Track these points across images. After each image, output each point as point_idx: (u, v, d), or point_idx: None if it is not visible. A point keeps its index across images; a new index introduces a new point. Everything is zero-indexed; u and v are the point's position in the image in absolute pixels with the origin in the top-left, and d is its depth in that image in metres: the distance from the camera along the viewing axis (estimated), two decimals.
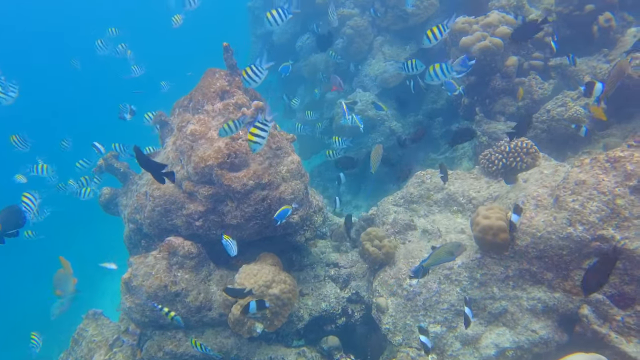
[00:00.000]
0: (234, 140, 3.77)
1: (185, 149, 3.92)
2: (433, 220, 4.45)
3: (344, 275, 4.50)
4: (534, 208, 3.46)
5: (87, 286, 10.68)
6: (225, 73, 4.14)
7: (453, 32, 5.40)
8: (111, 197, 4.86)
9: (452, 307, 3.69)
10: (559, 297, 3.26)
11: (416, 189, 4.75)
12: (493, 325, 3.55)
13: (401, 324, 3.84)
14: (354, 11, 7.62)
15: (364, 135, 7.13)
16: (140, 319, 3.84)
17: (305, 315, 4.18)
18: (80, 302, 10.14)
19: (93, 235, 12.82)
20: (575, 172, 3.26)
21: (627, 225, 2.91)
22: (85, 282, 11.04)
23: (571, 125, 4.42)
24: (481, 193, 4.29)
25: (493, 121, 5.27)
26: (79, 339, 3.74)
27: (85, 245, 12.84)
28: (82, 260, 12.46)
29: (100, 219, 5.09)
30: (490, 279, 3.61)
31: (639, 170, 2.88)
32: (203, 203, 3.86)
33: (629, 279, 2.91)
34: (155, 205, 3.96)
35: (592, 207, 3.05)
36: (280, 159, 4.04)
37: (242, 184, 3.72)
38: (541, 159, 4.20)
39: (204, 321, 3.95)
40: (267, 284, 3.78)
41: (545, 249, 3.27)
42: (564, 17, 5.24)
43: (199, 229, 3.92)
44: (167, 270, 3.85)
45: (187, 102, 4.21)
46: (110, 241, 11.54)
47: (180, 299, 3.85)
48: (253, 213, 3.83)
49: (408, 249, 4.26)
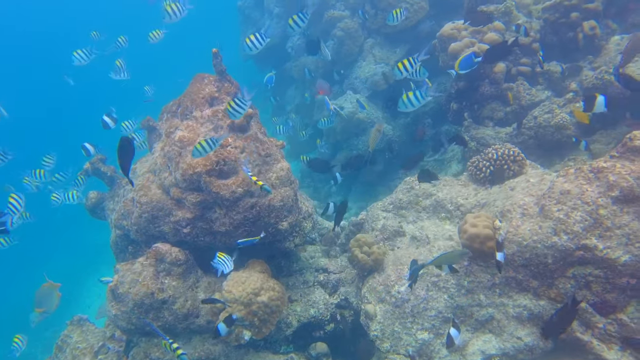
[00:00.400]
0: (223, 148, 3.74)
1: (173, 156, 3.88)
2: (422, 226, 4.48)
3: (333, 281, 4.51)
4: (521, 217, 3.50)
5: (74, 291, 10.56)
6: (215, 79, 4.10)
7: (442, 38, 5.43)
8: (98, 202, 4.80)
9: (440, 314, 3.72)
10: (544, 305, 3.31)
11: (405, 195, 4.77)
12: (480, 332, 3.60)
13: (389, 331, 3.86)
14: (345, 13, 7.62)
15: (354, 137, 7.14)
16: (127, 326, 3.80)
17: (294, 321, 4.18)
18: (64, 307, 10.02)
19: (79, 239, 12.66)
20: (560, 182, 3.31)
21: (610, 235, 2.96)
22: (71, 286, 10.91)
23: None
24: (469, 200, 4.33)
25: (481, 127, 5.31)
26: (63, 346, 3.69)
27: (71, 249, 12.66)
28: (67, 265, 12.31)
29: (87, 222, 5.02)
30: (477, 286, 3.65)
31: (620, 181, 2.93)
32: (191, 210, 3.83)
33: (610, 287, 2.97)
34: (142, 211, 3.92)
35: (576, 217, 3.10)
36: (269, 166, 4.02)
37: (231, 191, 3.70)
38: (528, 166, 4.25)
39: (191, 328, 3.93)
40: (256, 291, 3.77)
41: (531, 258, 3.31)
42: (551, 24, 5.30)
43: (187, 236, 3.89)
44: (154, 277, 3.81)
45: (176, 108, 4.17)
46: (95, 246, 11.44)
47: (168, 306, 3.82)
48: (242, 220, 3.81)
49: (397, 255, 4.28)
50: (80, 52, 4.64)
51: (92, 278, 11.03)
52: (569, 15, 5.14)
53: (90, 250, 11.91)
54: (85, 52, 4.65)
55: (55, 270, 12.48)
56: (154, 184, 4.01)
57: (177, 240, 3.98)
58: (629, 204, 2.91)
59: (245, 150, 3.83)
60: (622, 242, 2.88)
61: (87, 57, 4.67)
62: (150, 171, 4.15)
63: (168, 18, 4.10)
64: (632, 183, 2.88)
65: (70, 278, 11.60)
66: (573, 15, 5.11)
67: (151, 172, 4.12)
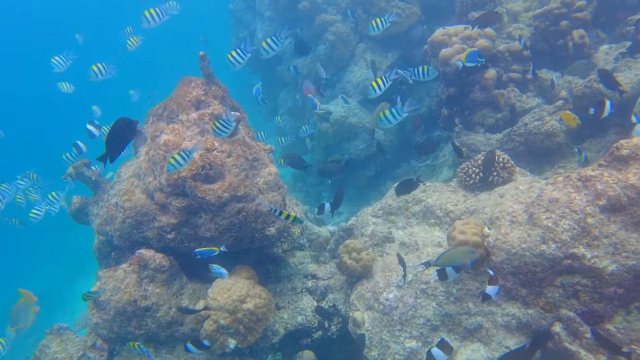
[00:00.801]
0: (209, 151, 3.68)
1: (158, 160, 3.80)
2: (411, 232, 4.44)
3: (322, 287, 4.44)
4: (509, 224, 3.47)
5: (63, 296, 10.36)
6: (202, 82, 4.04)
7: (433, 44, 5.42)
8: (81, 206, 4.70)
9: (428, 322, 3.68)
10: (532, 314, 3.28)
11: (394, 201, 4.73)
12: (468, 340, 3.55)
13: (377, 339, 3.81)
14: (336, 17, 7.60)
15: (346, 141, 7.11)
16: (108, 334, 3.71)
17: (281, 329, 4.11)
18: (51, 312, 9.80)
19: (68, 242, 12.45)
20: (549, 190, 3.29)
21: (597, 244, 2.94)
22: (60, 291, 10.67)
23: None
24: (458, 206, 4.30)
25: (472, 133, 5.30)
26: (41, 356, 3.58)
27: (60, 252, 12.44)
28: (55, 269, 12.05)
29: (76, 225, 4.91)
30: (466, 294, 3.61)
31: (608, 190, 2.92)
32: (176, 215, 3.75)
33: (598, 297, 2.94)
34: (125, 217, 3.83)
35: (564, 225, 3.07)
36: (257, 171, 3.96)
37: (217, 196, 3.63)
38: (517, 173, 4.23)
39: (175, 336, 3.84)
40: (241, 298, 3.70)
41: (520, 266, 3.28)
42: (541, 32, 5.32)
43: (171, 241, 3.81)
44: (137, 284, 3.72)
45: (162, 111, 4.10)
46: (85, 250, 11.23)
47: (151, 313, 3.74)
48: (228, 226, 3.74)
49: (386, 262, 4.23)
50: (57, 58, 4.53)
51: (81, 282, 10.85)
52: (558, 23, 5.16)
53: (80, 253, 11.73)
54: (62, 59, 4.54)
55: (43, 273, 12.26)
56: (138, 188, 3.92)
57: (162, 246, 3.90)
58: (616, 213, 2.89)
59: (232, 155, 3.77)
60: (610, 251, 2.86)
61: (64, 63, 4.56)
62: (134, 175, 4.06)
63: (146, 23, 4.01)
64: (619, 192, 2.86)
65: (59, 282, 11.41)
66: (563, 23, 5.14)
67: (136, 177, 4.04)
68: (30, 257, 12.96)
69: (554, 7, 5.16)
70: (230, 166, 3.72)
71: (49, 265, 12.39)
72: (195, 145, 3.56)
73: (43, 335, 3.81)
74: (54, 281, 11.51)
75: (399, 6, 7.03)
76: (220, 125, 3.17)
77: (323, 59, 7.67)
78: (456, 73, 5.08)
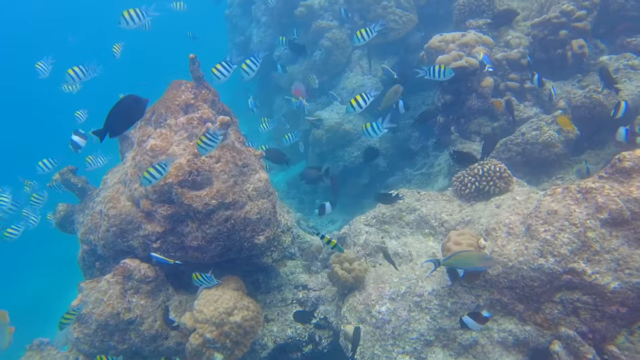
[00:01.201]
0: (197, 157, 3.55)
1: (144, 165, 3.67)
2: (405, 242, 4.31)
3: (313, 299, 4.30)
4: (506, 236, 3.36)
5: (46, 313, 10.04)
6: (192, 85, 3.93)
7: (429, 50, 5.35)
8: (67, 215, 4.54)
9: (422, 337, 3.54)
10: (530, 331, 3.16)
11: (388, 209, 4.62)
12: (463, 357, 3.42)
13: (369, 354, 3.67)
14: (333, 23, 7.53)
15: (340, 148, 7.00)
16: (89, 350, 3.54)
17: (270, 343, 3.96)
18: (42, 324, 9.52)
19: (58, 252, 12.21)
20: (547, 201, 3.18)
21: (598, 260, 2.83)
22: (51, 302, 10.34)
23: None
24: (453, 216, 4.18)
25: (468, 141, 5.21)
26: None
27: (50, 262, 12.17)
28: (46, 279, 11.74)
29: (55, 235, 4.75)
30: (460, 308, 3.48)
31: (610, 203, 2.81)
32: (162, 223, 3.61)
33: (600, 316, 2.83)
34: (110, 225, 3.69)
35: (563, 239, 2.96)
36: (246, 177, 3.83)
37: (204, 203, 3.49)
38: (514, 183, 4.13)
39: (159, 350, 3.68)
40: (228, 310, 3.55)
41: (517, 280, 3.16)
42: (539, 41, 5.26)
43: (157, 250, 3.67)
44: (120, 296, 3.57)
45: (150, 115, 3.97)
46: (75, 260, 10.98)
47: (134, 327, 3.58)
48: (215, 234, 3.60)
49: (378, 272, 4.10)
50: (41, 64, 4.40)
51: (73, 294, 10.57)
52: (557, 33, 5.10)
53: (71, 264, 11.46)
54: (44, 64, 4.41)
55: (34, 285, 11.95)
56: (123, 195, 3.79)
57: (147, 255, 3.75)
58: (618, 228, 2.78)
59: (221, 160, 3.65)
60: (612, 267, 2.75)
61: (47, 68, 4.42)
62: (120, 182, 3.93)
63: (125, 24, 3.85)
64: (622, 206, 2.76)
65: (49, 295, 11.11)
66: (562, 33, 5.07)
67: (121, 183, 3.90)
68: (20, 270, 12.66)
69: (553, 16, 5.10)
70: (218, 172, 3.59)
71: (39, 279, 12.10)
72: (170, 158, 3.44)
73: (21, 352, 3.64)
74: (44, 294, 11.23)
75: (397, 13, 6.98)
76: (206, 140, 3.04)
77: (319, 64, 7.59)
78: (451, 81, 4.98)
